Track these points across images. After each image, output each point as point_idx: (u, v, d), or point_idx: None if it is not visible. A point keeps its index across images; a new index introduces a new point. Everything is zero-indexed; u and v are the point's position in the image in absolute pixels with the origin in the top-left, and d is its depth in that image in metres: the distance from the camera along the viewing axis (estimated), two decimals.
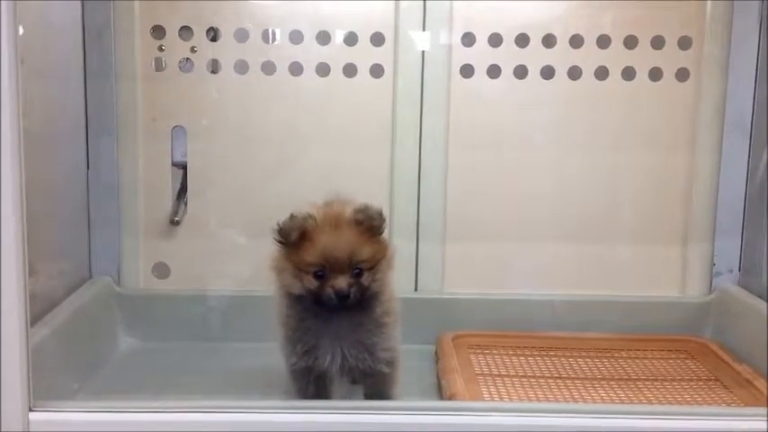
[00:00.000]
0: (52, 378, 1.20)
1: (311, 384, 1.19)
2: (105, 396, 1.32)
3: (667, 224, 1.64)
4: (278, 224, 1.14)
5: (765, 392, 1.30)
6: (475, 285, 1.64)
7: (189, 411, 1.03)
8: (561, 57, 1.58)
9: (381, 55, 1.58)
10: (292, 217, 1.13)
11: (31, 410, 1.00)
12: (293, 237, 1.12)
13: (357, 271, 1.12)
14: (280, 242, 1.14)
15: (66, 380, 1.30)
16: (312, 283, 1.12)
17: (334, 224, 1.13)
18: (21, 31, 0.98)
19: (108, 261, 1.61)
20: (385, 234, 1.17)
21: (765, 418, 1.02)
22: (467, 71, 1.59)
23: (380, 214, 1.15)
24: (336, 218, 1.13)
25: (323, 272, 1.12)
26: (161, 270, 1.64)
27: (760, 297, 1.53)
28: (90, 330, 1.46)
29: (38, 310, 1.30)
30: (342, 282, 1.11)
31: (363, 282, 1.13)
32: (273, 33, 1.58)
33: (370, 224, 1.13)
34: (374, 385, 1.19)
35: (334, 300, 1.11)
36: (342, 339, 1.16)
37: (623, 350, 1.53)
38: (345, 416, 1.03)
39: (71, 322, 1.37)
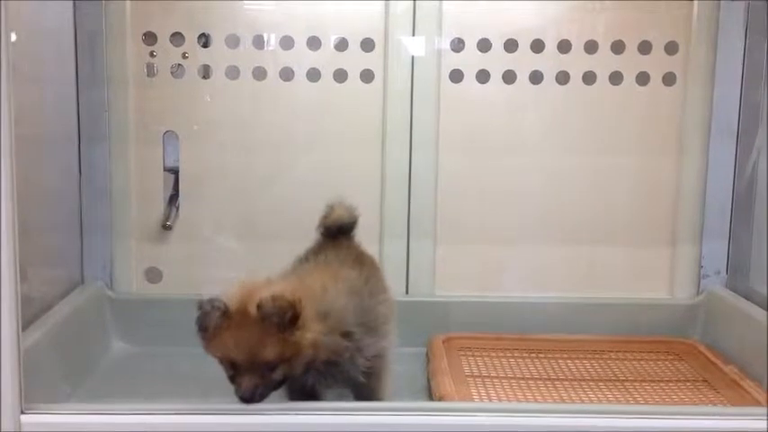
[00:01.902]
0: (44, 382, 1.21)
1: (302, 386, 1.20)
2: (97, 400, 1.32)
3: (655, 227, 1.65)
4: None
5: (752, 393, 1.31)
6: (466, 288, 1.65)
7: (180, 413, 1.04)
8: (549, 62, 1.60)
9: (372, 60, 1.59)
10: (201, 309, 1.04)
11: (22, 413, 1.01)
12: (200, 330, 1.05)
13: (270, 366, 1.03)
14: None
15: (58, 384, 1.31)
16: (227, 371, 1.05)
17: (240, 320, 1.02)
18: (13, 37, 0.99)
19: (100, 266, 1.62)
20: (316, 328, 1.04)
21: (766, 419, 1.03)
22: (456, 76, 1.60)
23: (292, 305, 1.01)
24: (242, 312, 1.02)
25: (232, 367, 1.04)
26: (153, 274, 1.65)
27: (747, 299, 1.54)
28: (82, 334, 1.47)
29: (30, 315, 1.30)
30: (243, 386, 1.02)
31: (276, 376, 1.04)
32: (264, 39, 1.59)
33: (278, 319, 1.01)
34: (363, 387, 1.19)
35: (239, 401, 1.03)
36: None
37: (612, 352, 1.54)
38: (336, 417, 1.04)
39: (63, 326, 1.37)
